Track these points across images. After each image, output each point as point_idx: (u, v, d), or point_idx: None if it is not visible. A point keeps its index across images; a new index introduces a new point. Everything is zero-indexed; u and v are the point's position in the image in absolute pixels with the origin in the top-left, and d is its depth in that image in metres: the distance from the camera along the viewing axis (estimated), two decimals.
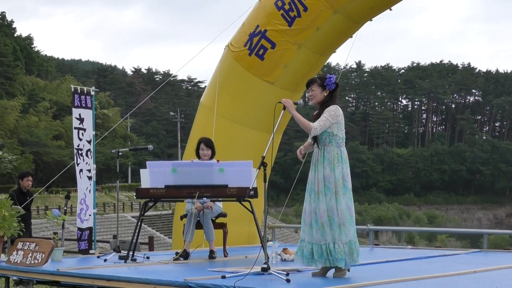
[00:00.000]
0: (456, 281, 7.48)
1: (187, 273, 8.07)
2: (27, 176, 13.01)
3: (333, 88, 7.66)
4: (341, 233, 7.36)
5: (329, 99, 7.65)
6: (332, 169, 7.44)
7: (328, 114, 7.49)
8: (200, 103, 14.08)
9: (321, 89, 7.67)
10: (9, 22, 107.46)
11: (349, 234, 7.40)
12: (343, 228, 7.37)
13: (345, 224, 7.37)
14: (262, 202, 9.56)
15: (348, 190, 7.49)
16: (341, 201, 7.40)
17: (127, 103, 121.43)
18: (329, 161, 7.47)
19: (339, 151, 7.52)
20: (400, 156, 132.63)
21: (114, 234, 22.81)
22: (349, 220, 7.41)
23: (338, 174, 7.44)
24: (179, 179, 9.13)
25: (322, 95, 7.68)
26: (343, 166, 7.48)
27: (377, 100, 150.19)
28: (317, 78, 7.77)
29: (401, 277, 7.57)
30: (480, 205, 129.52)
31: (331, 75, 7.71)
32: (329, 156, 7.49)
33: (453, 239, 67.46)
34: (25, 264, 9.03)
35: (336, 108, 7.55)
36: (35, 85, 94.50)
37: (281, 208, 64.84)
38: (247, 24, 13.09)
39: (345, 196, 7.43)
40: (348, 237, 7.38)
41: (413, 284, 7.16)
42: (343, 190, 7.43)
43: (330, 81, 7.63)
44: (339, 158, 7.49)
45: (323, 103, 7.66)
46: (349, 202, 7.47)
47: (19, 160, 69.70)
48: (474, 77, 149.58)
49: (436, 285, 7.10)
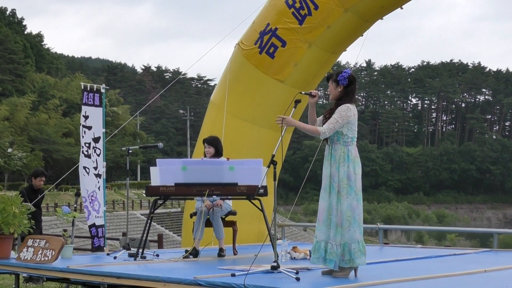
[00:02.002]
0: (467, 281, 7.46)
1: (197, 271, 8.07)
2: (41, 176, 12.98)
3: (346, 83, 7.45)
4: (336, 234, 7.24)
5: (344, 95, 7.45)
6: (337, 168, 7.33)
7: (338, 115, 7.31)
8: (210, 101, 14.08)
9: (335, 84, 7.49)
10: (19, 20, 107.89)
11: (346, 236, 7.23)
12: (339, 229, 7.24)
13: (343, 226, 7.24)
14: (272, 201, 9.56)
15: (354, 190, 7.30)
16: (343, 201, 7.26)
17: (136, 101, 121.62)
18: (335, 160, 7.36)
19: (346, 150, 7.36)
20: (410, 155, 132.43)
21: (124, 231, 22.86)
22: (350, 222, 7.24)
23: (342, 174, 7.30)
24: (189, 177, 9.13)
25: (336, 90, 7.49)
26: (349, 166, 7.32)
27: (387, 99, 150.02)
28: (334, 73, 7.58)
29: (411, 276, 7.55)
30: (490, 205, 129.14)
31: (346, 70, 7.51)
32: (335, 154, 7.38)
33: (462, 238, 67.30)
34: (35, 261, 9.05)
35: (347, 108, 7.35)
36: (45, 83, 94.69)
37: (290, 207, 64.91)
38: (257, 22, 13.08)
39: (349, 196, 7.27)
40: (344, 239, 7.23)
41: (423, 284, 7.14)
42: (347, 190, 7.27)
43: (342, 76, 7.43)
44: (345, 157, 7.34)
45: (338, 99, 7.49)
46: (354, 203, 7.28)
47: (29, 157, 69.89)
48: (485, 76, 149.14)
49: (446, 284, 7.08)
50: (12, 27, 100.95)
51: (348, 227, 7.24)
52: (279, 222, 14.41)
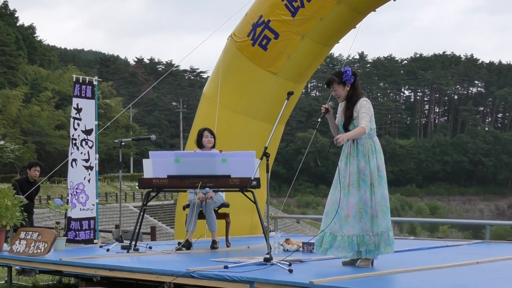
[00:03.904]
0: (459, 272, 7.48)
1: (190, 263, 8.08)
2: (35, 166, 12.98)
3: (353, 81, 7.63)
4: (372, 225, 7.41)
5: (353, 91, 7.63)
6: (367, 161, 7.46)
7: (365, 109, 7.48)
8: (203, 93, 14.06)
9: (342, 85, 7.64)
10: (11, 11, 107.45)
11: (382, 225, 7.43)
12: (375, 220, 7.41)
13: (378, 216, 7.41)
14: (265, 193, 9.57)
15: (384, 180, 7.52)
16: (377, 192, 7.43)
17: (129, 93, 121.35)
18: (363, 154, 7.48)
19: (372, 142, 7.53)
20: (403, 147, 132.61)
21: (117, 224, 22.88)
22: (384, 211, 7.45)
23: (373, 166, 7.46)
24: (181, 169, 9.12)
25: (345, 91, 7.64)
26: (377, 157, 7.51)
27: (380, 91, 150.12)
28: (334, 76, 7.70)
29: (403, 268, 7.56)
30: (482, 196, 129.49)
31: (345, 69, 7.67)
32: (362, 149, 7.49)
33: (455, 230, 67.51)
34: (27, 254, 9.04)
35: (367, 101, 7.57)
36: (38, 75, 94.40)
37: (283, 199, 65.00)
38: (250, 14, 13.05)
39: (380, 186, 7.46)
40: (380, 229, 7.42)
41: (416, 275, 7.16)
42: (378, 181, 7.45)
43: (347, 75, 7.61)
44: (373, 149, 7.51)
45: (349, 98, 7.63)
46: (385, 192, 7.51)
47: (21, 150, 69.73)
48: (477, 69, 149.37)
49: (439, 276, 7.09)
50: (4, 19, 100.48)
51: (383, 217, 7.45)
52: (272, 214, 14.44)
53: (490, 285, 6.64)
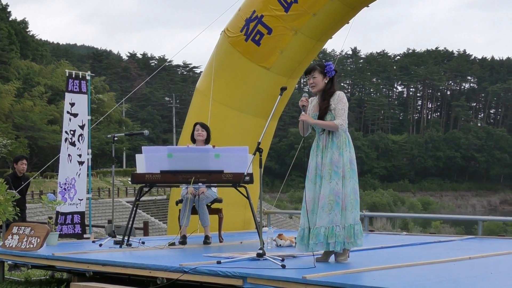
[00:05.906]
0: (452, 268, 7.49)
1: (182, 258, 8.08)
2: (21, 159, 12.94)
3: (333, 75, 7.70)
4: (342, 217, 7.41)
5: (331, 85, 7.69)
6: (341, 153, 7.50)
7: (342, 104, 7.55)
8: (196, 89, 14.04)
9: (322, 76, 7.70)
10: (4, 6, 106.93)
11: (350, 218, 7.44)
12: (344, 212, 7.42)
13: (347, 208, 7.43)
14: (258, 188, 9.57)
15: (355, 173, 7.59)
16: (347, 185, 7.47)
17: (122, 88, 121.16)
18: (338, 146, 7.52)
19: (346, 136, 7.60)
20: (395, 142, 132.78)
21: (109, 219, 22.84)
22: (353, 204, 7.48)
23: (346, 159, 7.51)
24: (174, 165, 9.12)
25: (323, 82, 7.70)
26: (350, 151, 7.57)
27: (373, 87, 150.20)
28: (317, 65, 7.77)
29: (396, 263, 7.58)
30: (475, 192, 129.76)
31: (328, 62, 7.75)
32: (337, 141, 7.53)
33: (447, 226, 67.68)
34: (20, 249, 9.03)
35: (343, 95, 7.65)
36: (30, 70, 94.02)
37: (276, 194, 65.04)
38: (243, 9, 13.03)
39: (351, 180, 7.51)
40: (349, 221, 7.43)
41: (408, 271, 7.17)
42: (350, 174, 7.51)
43: (330, 67, 7.67)
44: (347, 142, 7.57)
45: (324, 91, 7.68)
46: (356, 185, 7.57)
47: (13, 145, 69.45)
48: (470, 64, 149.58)
49: (431, 271, 7.11)
50: None
51: (351, 210, 7.47)
52: (265, 210, 14.45)
53: (482, 280, 6.66)
